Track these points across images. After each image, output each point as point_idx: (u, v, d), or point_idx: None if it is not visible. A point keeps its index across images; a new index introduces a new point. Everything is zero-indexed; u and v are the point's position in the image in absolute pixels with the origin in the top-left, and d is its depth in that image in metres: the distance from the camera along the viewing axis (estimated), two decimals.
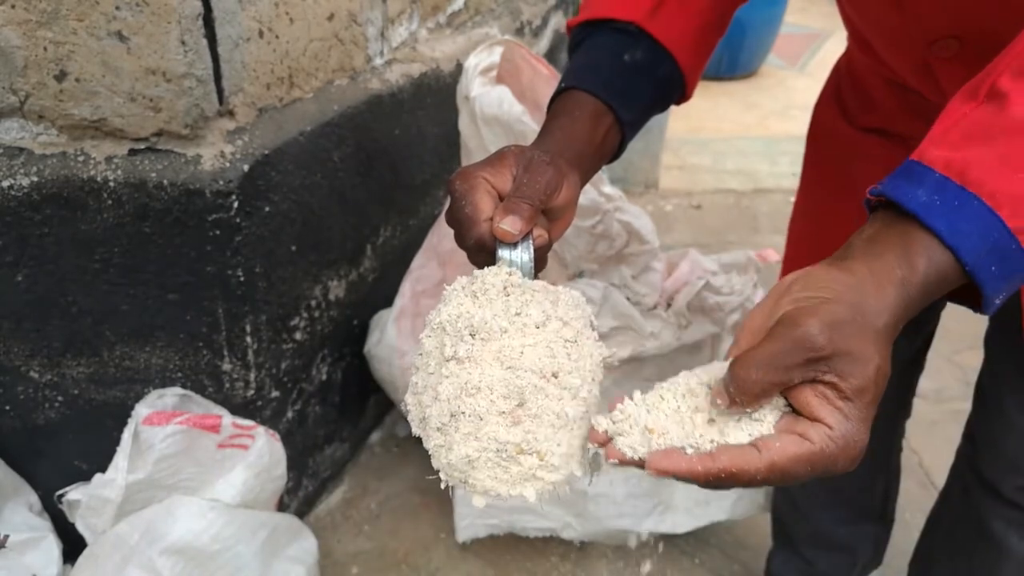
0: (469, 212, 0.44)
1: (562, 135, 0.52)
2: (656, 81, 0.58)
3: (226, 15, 0.85)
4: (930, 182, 0.38)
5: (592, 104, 0.54)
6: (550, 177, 0.45)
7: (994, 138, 0.37)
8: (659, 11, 0.57)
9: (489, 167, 0.46)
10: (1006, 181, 0.36)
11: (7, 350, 0.93)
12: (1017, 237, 0.36)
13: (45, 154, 0.86)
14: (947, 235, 0.37)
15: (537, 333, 0.40)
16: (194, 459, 0.88)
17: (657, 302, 1.11)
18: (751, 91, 3.24)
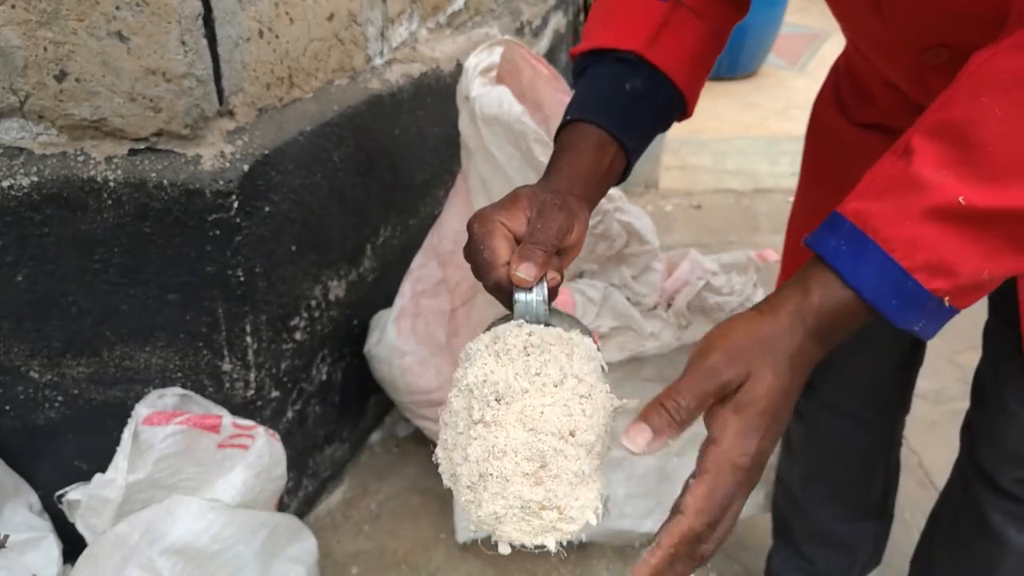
0: (488, 257, 0.47)
1: (570, 170, 0.55)
2: (657, 106, 0.61)
3: (226, 15, 0.85)
4: (842, 230, 0.44)
5: (596, 135, 0.57)
6: (562, 221, 0.49)
7: (895, 191, 0.42)
8: (658, 40, 0.60)
9: (504, 211, 0.49)
10: (898, 227, 0.42)
11: (7, 350, 0.93)
12: (912, 275, 0.41)
13: (45, 154, 0.86)
14: (848, 276, 0.43)
15: (555, 392, 0.44)
16: (194, 459, 0.88)
17: (657, 302, 1.11)
18: (751, 91, 3.24)
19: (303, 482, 1.16)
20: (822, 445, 0.92)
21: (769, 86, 3.32)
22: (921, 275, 0.41)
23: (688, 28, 0.62)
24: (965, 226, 0.40)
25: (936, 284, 0.41)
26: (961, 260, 0.41)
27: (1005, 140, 0.40)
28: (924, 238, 0.41)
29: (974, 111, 0.42)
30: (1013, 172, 0.40)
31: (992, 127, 0.41)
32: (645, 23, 0.60)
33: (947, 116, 0.43)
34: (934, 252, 0.41)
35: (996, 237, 0.41)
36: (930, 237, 0.41)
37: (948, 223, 0.40)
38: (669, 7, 0.61)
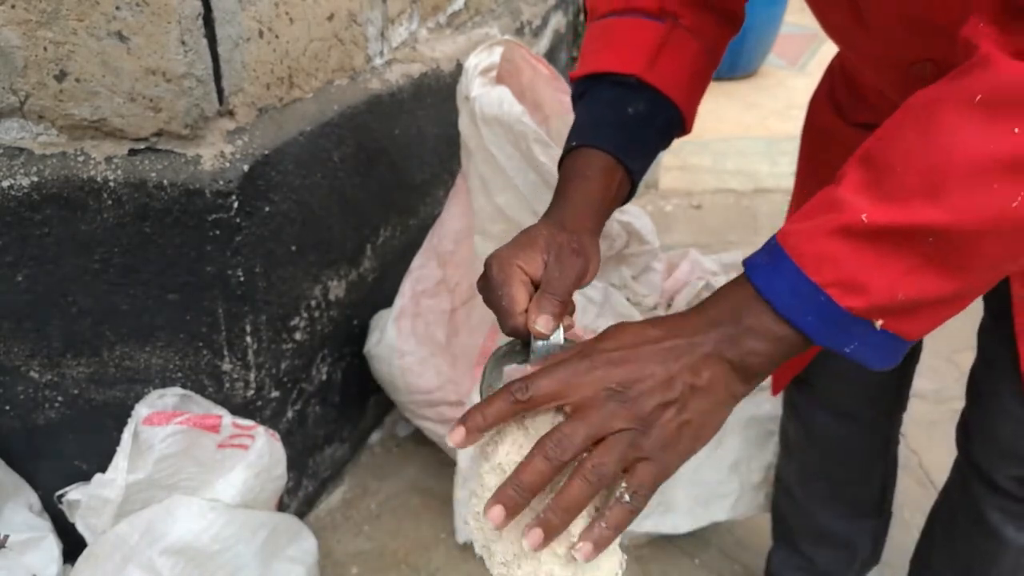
0: (506, 304, 0.49)
1: (581, 200, 0.56)
2: (659, 128, 0.62)
3: (226, 15, 0.85)
4: (767, 248, 0.45)
5: (602, 160, 0.58)
6: (579, 268, 0.51)
7: (818, 212, 0.43)
8: (656, 62, 0.60)
9: (522, 252, 0.51)
10: (811, 244, 0.42)
11: (7, 350, 0.93)
12: (824, 290, 0.41)
13: (45, 154, 0.86)
14: (763, 289, 0.43)
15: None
16: (194, 459, 0.88)
17: (657, 302, 1.11)
18: (751, 91, 3.24)
19: (303, 482, 1.16)
20: (820, 444, 0.93)
21: (769, 86, 3.32)
22: (833, 291, 0.41)
23: (685, 48, 0.62)
24: (873, 243, 0.40)
25: (850, 302, 0.41)
26: (872, 277, 0.40)
27: (909, 159, 0.40)
28: (833, 254, 0.41)
29: (892, 136, 0.42)
30: (914, 190, 0.40)
31: (901, 148, 0.41)
32: (643, 45, 0.61)
33: (872, 143, 0.44)
34: (843, 268, 0.41)
35: (909, 256, 0.40)
36: (839, 253, 0.41)
37: (856, 240, 0.41)
38: (666, 28, 0.61)
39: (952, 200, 0.39)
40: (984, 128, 0.38)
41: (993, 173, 0.38)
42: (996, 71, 0.39)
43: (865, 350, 0.43)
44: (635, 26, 0.62)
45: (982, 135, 0.38)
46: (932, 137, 0.40)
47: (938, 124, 0.40)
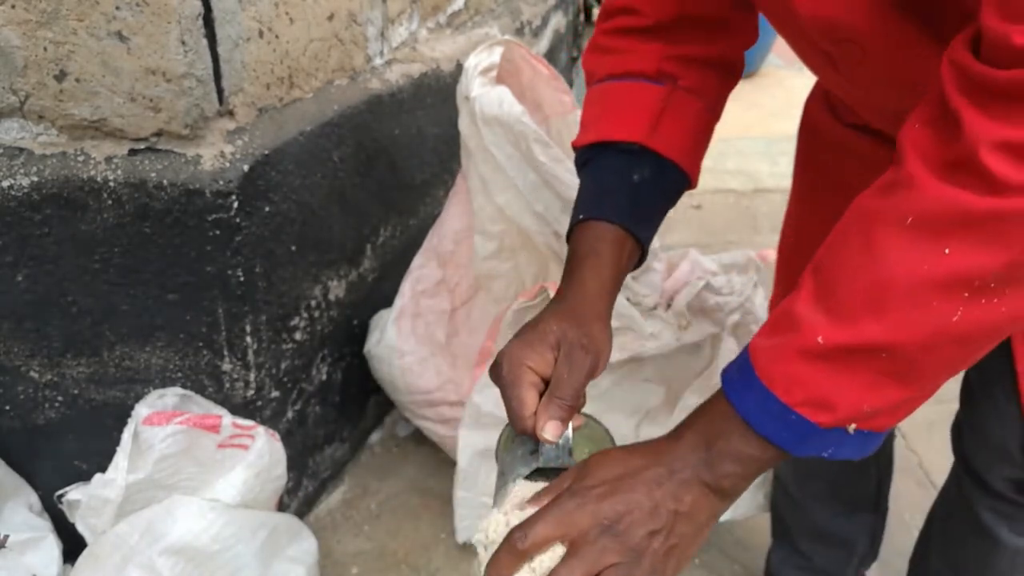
0: (515, 406, 0.51)
1: (592, 282, 0.57)
2: (665, 191, 0.63)
3: (226, 15, 0.85)
4: (738, 362, 0.47)
5: (612, 233, 0.58)
6: (589, 366, 0.53)
7: (779, 327, 0.45)
8: (659, 127, 0.61)
9: (532, 351, 0.52)
10: (776, 366, 0.44)
11: (7, 350, 0.93)
12: (795, 410, 0.43)
13: (45, 154, 0.86)
14: (738, 407, 0.45)
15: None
16: (194, 459, 0.88)
17: (657, 302, 1.11)
18: (751, 91, 3.24)
19: (303, 482, 1.16)
20: None
21: (769, 86, 3.32)
22: (804, 409, 0.43)
23: (686, 109, 0.62)
24: (832, 363, 0.42)
25: (821, 418, 0.43)
26: (837, 395, 0.42)
27: (852, 277, 0.42)
28: (799, 375, 0.43)
29: (836, 250, 0.44)
30: (859, 309, 0.41)
31: (845, 264, 0.43)
32: (644, 111, 0.61)
33: (822, 255, 0.45)
34: (810, 389, 0.42)
35: (866, 371, 0.42)
36: (804, 375, 0.43)
37: (817, 361, 0.42)
38: (666, 91, 0.62)
39: (896, 318, 0.40)
40: (918, 250, 0.40)
41: (931, 292, 0.40)
42: (923, 194, 0.40)
43: (842, 450, 0.45)
44: (635, 90, 0.62)
45: (917, 256, 0.40)
46: (871, 257, 0.41)
47: (875, 245, 0.41)
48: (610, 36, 0.65)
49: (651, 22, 0.62)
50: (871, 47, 0.51)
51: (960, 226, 0.39)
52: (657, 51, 0.62)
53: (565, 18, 2.20)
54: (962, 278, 0.39)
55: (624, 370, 1.09)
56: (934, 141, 0.41)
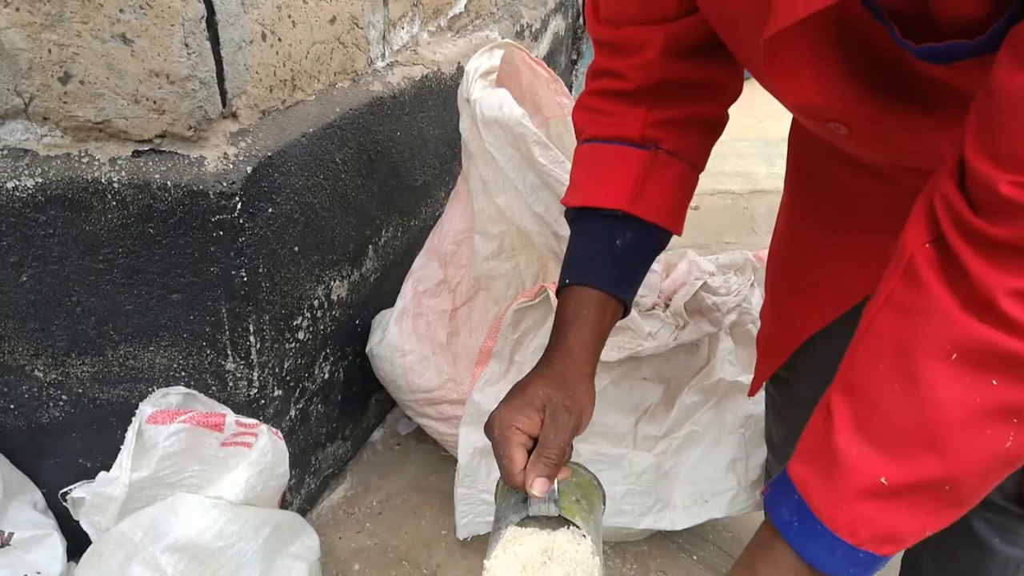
0: (506, 464, 0.56)
1: (578, 345, 0.61)
2: (647, 250, 0.66)
3: (229, 18, 0.85)
4: (791, 502, 0.46)
5: (595, 298, 0.63)
6: (572, 425, 0.56)
7: (824, 463, 0.45)
8: (642, 193, 0.64)
9: (519, 414, 0.56)
10: (837, 509, 0.44)
11: (12, 350, 0.94)
12: (861, 548, 0.44)
13: (49, 155, 0.87)
14: (802, 553, 0.45)
15: None
16: (197, 457, 0.89)
17: (655, 302, 1.12)
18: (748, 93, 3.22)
19: (305, 480, 1.17)
20: None
21: None
22: (870, 546, 0.44)
23: (669, 171, 0.65)
24: (896, 501, 0.43)
25: (886, 550, 0.44)
26: (903, 528, 0.43)
27: (902, 411, 0.43)
28: (863, 517, 0.43)
29: (876, 381, 0.44)
30: (917, 444, 0.42)
31: (893, 401, 0.43)
32: (627, 178, 0.64)
33: (853, 379, 0.45)
34: (877, 528, 0.43)
35: (929, 500, 0.43)
36: (868, 515, 0.43)
37: (880, 501, 0.43)
38: (650, 156, 0.64)
39: (955, 452, 0.42)
40: (966, 384, 0.41)
41: (985, 423, 0.41)
42: (958, 328, 0.41)
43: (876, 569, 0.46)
44: (619, 155, 0.65)
45: (966, 390, 0.41)
46: (918, 391, 0.42)
47: (922, 379, 0.42)
48: (596, 97, 0.67)
49: (634, 86, 0.64)
50: (857, 125, 0.53)
51: (1001, 361, 0.40)
52: (641, 117, 0.64)
53: (565, 21, 2.21)
54: (1012, 407, 0.41)
55: (622, 369, 1.10)
56: (946, 269, 0.42)
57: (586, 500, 0.61)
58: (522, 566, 0.56)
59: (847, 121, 0.53)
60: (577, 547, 0.58)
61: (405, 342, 1.17)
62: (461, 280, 1.19)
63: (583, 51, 2.46)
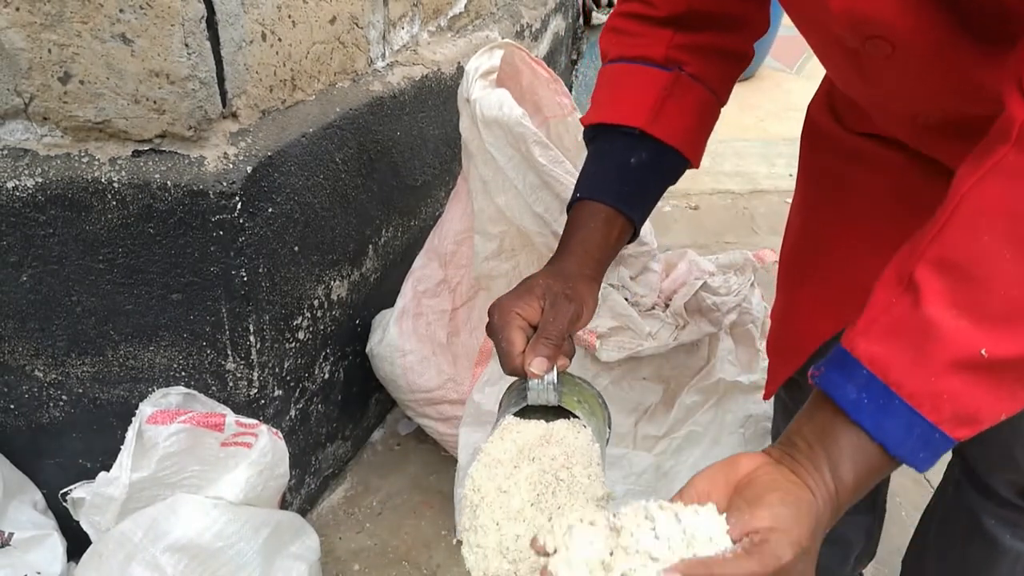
0: (505, 347, 0.55)
1: (581, 250, 0.61)
2: (662, 173, 0.65)
3: (229, 18, 0.85)
4: (859, 378, 0.43)
5: (604, 212, 0.62)
6: (571, 314, 0.55)
7: (909, 336, 0.42)
8: (660, 113, 0.63)
9: (520, 300, 0.56)
10: (922, 382, 0.41)
11: (12, 349, 0.94)
12: (939, 427, 0.41)
13: (50, 155, 0.87)
14: (874, 432, 0.42)
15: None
16: (197, 457, 0.89)
17: (655, 302, 1.12)
18: (749, 93, 3.25)
19: (305, 480, 1.17)
20: None
21: (767, 88, 3.34)
22: (947, 426, 0.41)
23: (690, 95, 0.64)
24: (988, 375, 0.40)
25: (961, 433, 0.41)
26: (984, 408, 0.41)
27: (1010, 283, 0.40)
28: (951, 391, 0.40)
29: (978, 252, 0.41)
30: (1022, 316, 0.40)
31: (1003, 271, 0.40)
32: (648, 96, 0.63)
33: (949, 254, 0.42)
34: (961, 404, 0.41)
35: (1012, 381, 0.41)
36: (956, 389, 0.40)
37: (972, 374, 0.40)
38: (671, 77, 0.64)
39: None
40: None
41: None
42: None
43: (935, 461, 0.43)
44: (641, 75, 0.64)
45: None
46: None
47: None
48: (623, 19, 0.67)
49: (663, 14, 0.64)
50: (902, 44, 0.50)
51: None
52: (666, 38, 0.64)
53: (565, 21, 2.21)
54: None
55: (622, 369, 1.10)
56: None
57: (588, 406, 0.58)
58: (518, 449, 0.54)
59: (894, 37, 0.50)
60: (577, 435, 0.55)
61: (405, 342, 1.17)
62: (461, 280, 1.19)
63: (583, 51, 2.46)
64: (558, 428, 0.56)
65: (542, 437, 0.55)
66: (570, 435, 0.55)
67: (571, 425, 0.56)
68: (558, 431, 0.55)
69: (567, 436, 0.55)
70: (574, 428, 0.56)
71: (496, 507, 0.51)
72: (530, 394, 0.55)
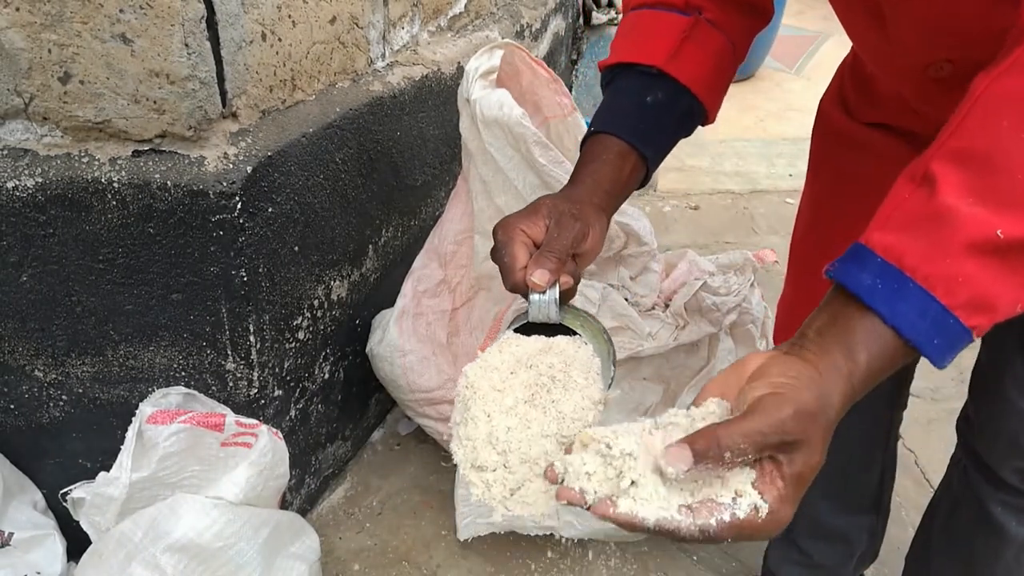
0: (508, 261, 0.53)
1: (591, 180, 0.60)
2: (677, 116, 0.65)
3: (229, 18, 0.85)
4: (873, 266, 0.42)
5: (617, 146, 0.61)
6: (576, 231, 0.54)
7: (925, 224, 0.41)
8: (679, 54, 0.63)
9: (526, 219, 0.55)
10: (937, 265, 0.40)
11: (12, 349, 0.94)
12: (953, 312, 0.40)
13: (50, 155, 0.87)
14: (888, 316, 0.41)
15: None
16: (198, 457, 0.89)
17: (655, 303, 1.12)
18: (749, 93, 3.25)
19: (306, 480, 1.17)
20: None
21: (767, 88, 3.33)
22: (962, 312, 0.40)
23: (709, 41, 0.65)
24: (1004, 259, 0.40)
25: (975, 321, 0.41)
26: (1001, 294, 0.40)
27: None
28: (965, 274, 0.40)
29: (996, 138, 0.41)
30: None
31: (1012, 154, 0.40)
32: (667, 38, 0.64)
33: (966, 144, 0.42)
34: (975, 288, 0.40)
35: None
36: (971, 272, 0.40)
37: (987, 257, 0.39)
38: (691, 22, 0.64)
39: None
40: None
41: None
42: None
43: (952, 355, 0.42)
44: (661, 19, 0.65)
45: None
46: None
47: None
48: None
49: None
50: None
51: None
52: None
53: (565, 21, 2.21)
54: None
55: (622, 369, 1.10)
56: None
57: (589, 331, 0.56)
58: (516, 359, 0.52)
59: None
60: (577, 349, 0.53)
61: (405, 342, 1.17)
62: (461, 280, 1.19)
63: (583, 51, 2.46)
64: (559, 342, 0.53)
65: (541, 349, 0.53)
66: (570, 348, 0.53)
67: (572, 341, 0.54)
68: (558, 344, 0.53)
69: (567, 348, 0.53)
70: (575, 343, 0.54)
71: (489, 401, 0.50)
72: (531, 309, 0.53)
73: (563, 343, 0.54)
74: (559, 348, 0.53)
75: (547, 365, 0.52)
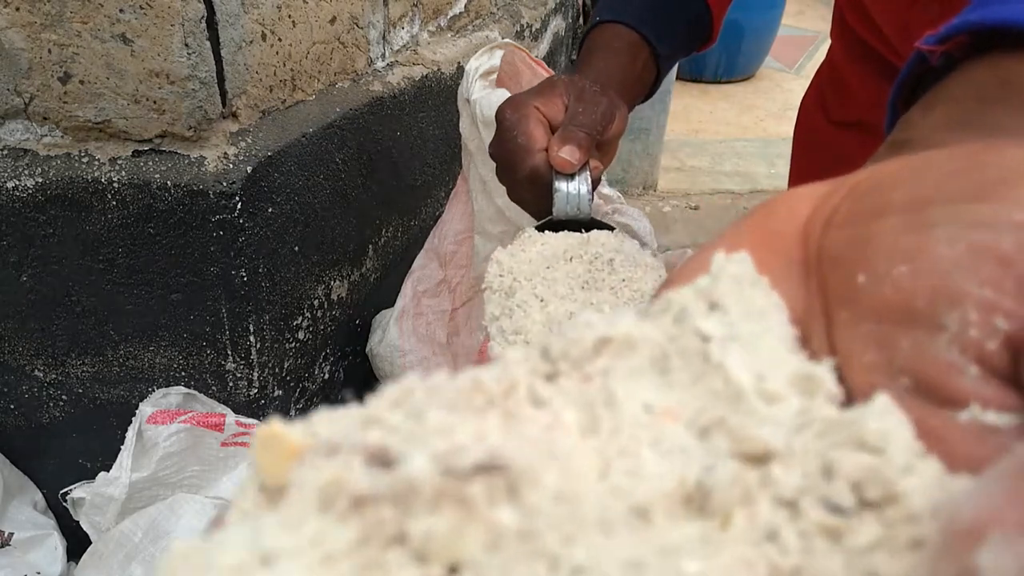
0: (523, 142, 0.42)
1: (605, 67, 0.51)
2: (687, 19, 0.58)
3: (229, 18, 0.86)
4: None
5: (629, 36, 0.54)
6: (604, 107, 0.44)
7: None
8: None
9: (540, 96, 0.44)
10: None
11: (11, 349, 0.94)
12: None
13: (49, 155, 0.87)
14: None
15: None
16: (198, 457, 0.89)
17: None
18: (749, 94, 3.25)
19: None
20: None
21: (766, 88, 3.34)
22: None
23: None
24: None
25: None
26: None
27: None
28: None
29: None
30: None
31: None
32: None
33: None
34: None
35: None
36: None
37: None
38: None
39: None
40: None
41: None
42: None
43: None
44: None
45: None
46: None
47: None
48: None
49: None
50: None
51: None
52: None
53: (565, 21, 2.21)
54: None
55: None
56: None
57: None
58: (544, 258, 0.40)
59: None
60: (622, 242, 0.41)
61: (405, 342, 1.17)
62: (461, 280, 1.19)
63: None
64: (598, 235, 0.41)
65: (580, 242, 0.41)
66: (613, 241, 0.41)
67: (612, 234, 0.42)
68: (598, 237, 0.41)
69: (609, 242, 0.41)
70: (617, 236, 0.41)
71: (537, 284, 0.39)
72: (557, 199, 0.40)
73: (603, 236, 0.42)
74: (600, 240, 0.41)
75: (592, 256, 0.40)
